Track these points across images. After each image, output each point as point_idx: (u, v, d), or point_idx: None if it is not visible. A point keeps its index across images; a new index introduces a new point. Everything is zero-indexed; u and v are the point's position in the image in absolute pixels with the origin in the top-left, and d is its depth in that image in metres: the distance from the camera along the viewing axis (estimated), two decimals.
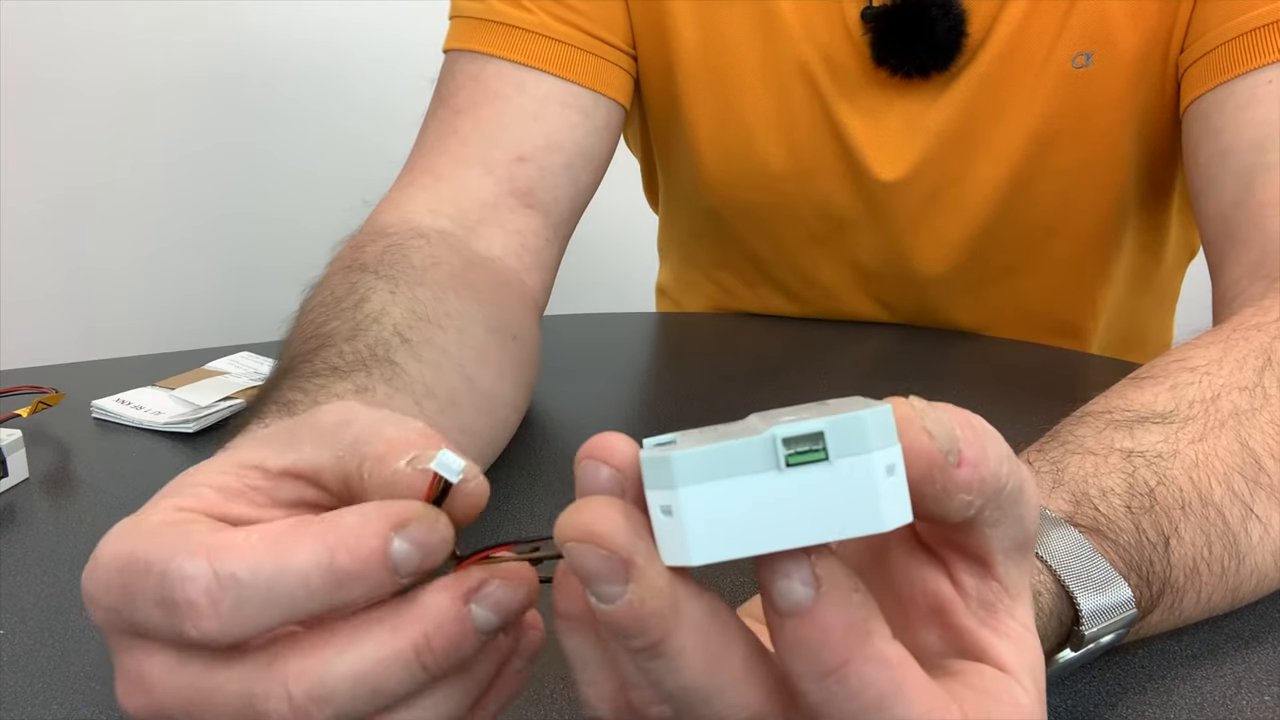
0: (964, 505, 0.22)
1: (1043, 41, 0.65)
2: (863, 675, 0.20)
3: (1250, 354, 0.43)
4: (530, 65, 0.63)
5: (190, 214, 1.33)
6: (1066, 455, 0.38)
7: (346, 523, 0.24)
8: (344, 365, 0.43)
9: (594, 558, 0.21)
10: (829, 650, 0.20)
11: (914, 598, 0.25)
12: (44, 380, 0.63)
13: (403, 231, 0.56)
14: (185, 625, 0.24)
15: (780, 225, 0.75)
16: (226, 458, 0.28)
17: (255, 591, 0.23)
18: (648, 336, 0.81)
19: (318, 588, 0.24)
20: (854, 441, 0.20)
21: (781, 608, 0.20)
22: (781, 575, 0.20)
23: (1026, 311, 0.77)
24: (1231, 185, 0.57)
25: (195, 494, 0.27)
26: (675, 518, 0.20)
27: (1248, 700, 0.37)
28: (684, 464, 0.20)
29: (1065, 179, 0.69)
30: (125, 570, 0.25)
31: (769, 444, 0.20)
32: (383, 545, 0.24)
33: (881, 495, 0.20)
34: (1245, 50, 0.58)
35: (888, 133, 0.69)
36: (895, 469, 0.20)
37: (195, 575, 0.23)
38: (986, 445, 0.22)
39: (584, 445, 0.22)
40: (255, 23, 1.28)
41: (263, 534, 0.24)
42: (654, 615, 0.21)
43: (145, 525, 0.26)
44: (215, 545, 0.24)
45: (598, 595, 0.21)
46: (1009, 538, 0.24)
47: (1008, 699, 0.23)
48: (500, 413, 0.52)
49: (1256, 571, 0.39)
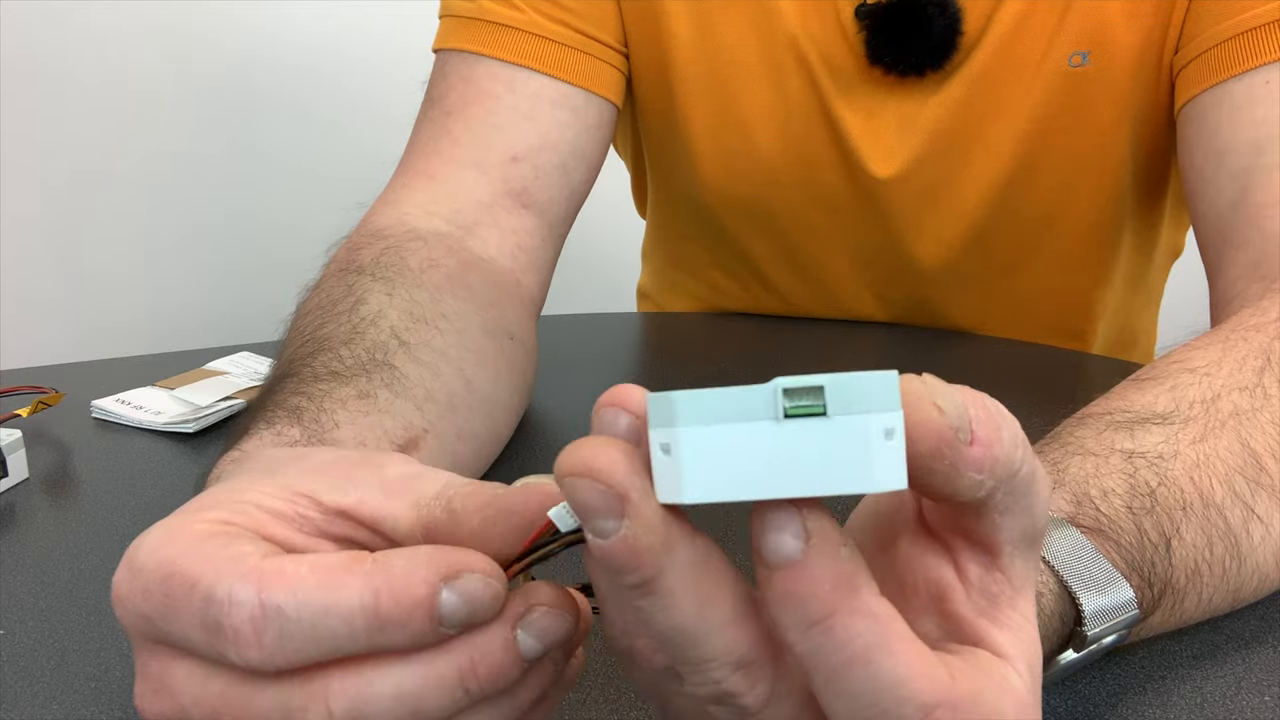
0: (975, 484, 0.22)
1: (1039, 40, 0.65)
2: (849, 627, 0.20)
3: (1250, 354, 0.43)
4: (521, 64, 0.63)
5: (190, 214, 1.33)
6: (1067, 456, 0.38)
7: (395, 566, 0.24)
8: (344, 370, 0.43)
9: (591, 492, 0.21)
10: (816, 602, 0.20)
11: (916, 585, 0.25)
12: (44, 380, 0.63)
13: (399, 233, 0.56)
14: (229, 651, 0.23)
15: (777, 221, 0.75)
16: (275, 482, 0.27)
17: (299, 627, 0.23)
18: (644, 336, 0.81)
19: (360, 628, 0.23)
20: (853, 400, 0.20)
21: (771, 560, 0.21)
22: (773, 528, 0.21)
23: (1024, 311, 0.77)
24: (1228, 186, 0.57)
25: (243, 512, 0.26)
26: (673, 456, 0.21)
27: (1248, 700, 0.37)
28: (686, 404, 0.20)
29: (1060, 178, 0.69)
30: (168, 581, 0.24)
31: (770, 393, 0.20)
32: (429, 594, 0.23)
33: (875, 456, 0.20)
34: (1241, 50, 0.58)
35: (882, 130, 0.69)
36: (894, 434, 0.20)
37: (243, 602, 0.23)
38: (1001, 426, 0.22)
39: (604, 394, 0.22)
40: (253, 24, 1.28)
41: (312, 567, 0.24)
42: (647, 551, 0.21)
43: (188, 535, 0.25)
44: (265, 573, 0.24)
45: (593, 530, 0.21)
46: (1018, 527, 0.24)
47: (999, 679, 0.23)
48: (498, 415, 0.52)
49: (1258, 572, 0.39)
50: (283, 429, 0.38)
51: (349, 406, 0.41)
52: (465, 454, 0.47)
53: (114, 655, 0.40)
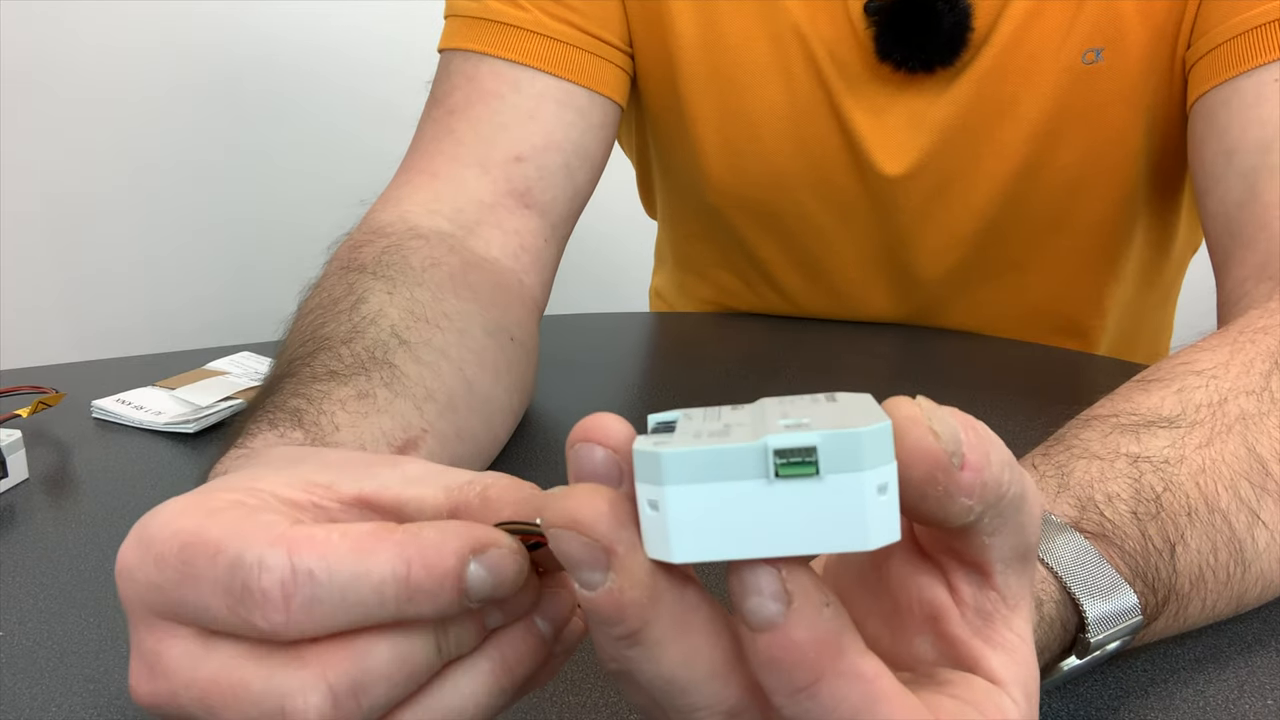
0: (965, 510, 0.21)
1: (1051, 37, 0.64)
2: (835, 691, 0.20)
3: (1257, 357, 0.43)
4: (525, 64, 0.63)
5: (190, 214, 1.33)
6: (1072, 460, 0.38)
7: (426, 537, 0.24)
8: (343, 369, 0.43)
9: (576, 544, 0.21)
10: (801, 668, 0.20)
11: (910, 605, 0.25)
12: (44, 380, 0.63)
13: (401, 232, 0.56)
14: (254, 615, 0.23)
15: (784, 221, 0.75)
16: (290, 473, 0.27)
17: (330, 592, 0.23)
18: (646, 336, 0.81)
19: (390, 598, 0.23)
20: (847, 459, 0.19)
21: (752, 624, 0.20)
22: (753, 591, 0.20)
23: (1033, 309, 0.77)
24: (1236, 185, 0.57)
25: (259, 498, 0.26)
26: (660, 513, 0.20)
27: (1250, 704, 0.37)
28: (673, 463, 0.20)
29: (1072, 175, 0.68)
30: (187, 548, 0.24)
31: (760, 453, 0.20)
32: (459, 566, 0.24)
33: (870, 514, 0.20)
34: (1251, 46, 0.57)
35: (891, 128, 0.69)
36: (888, 488, 0.20)
37: (273, 566, 0.23)
38: (989, 450, 0.22)
39: (577, 426, 0.22)
40: (254, 24, 1.28)
41: (343, 534, 0.24)
42: (632, 605, 0.21)
43: (208, 505, 0.25)
44: (295, 538, 0.24)
45: (580, 582, 0.21)
46: (1009, 547, 0.23)
47: (993, 711, 0.23)
48: (497, 416, 0.52)
49: (1262, 578, 0.39)
50: (286, 431, 0.38)
51: (348, 407, 0.40)
52: (464, 454, 0.47)
53: (114, 655, 0.40)
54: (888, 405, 0.21)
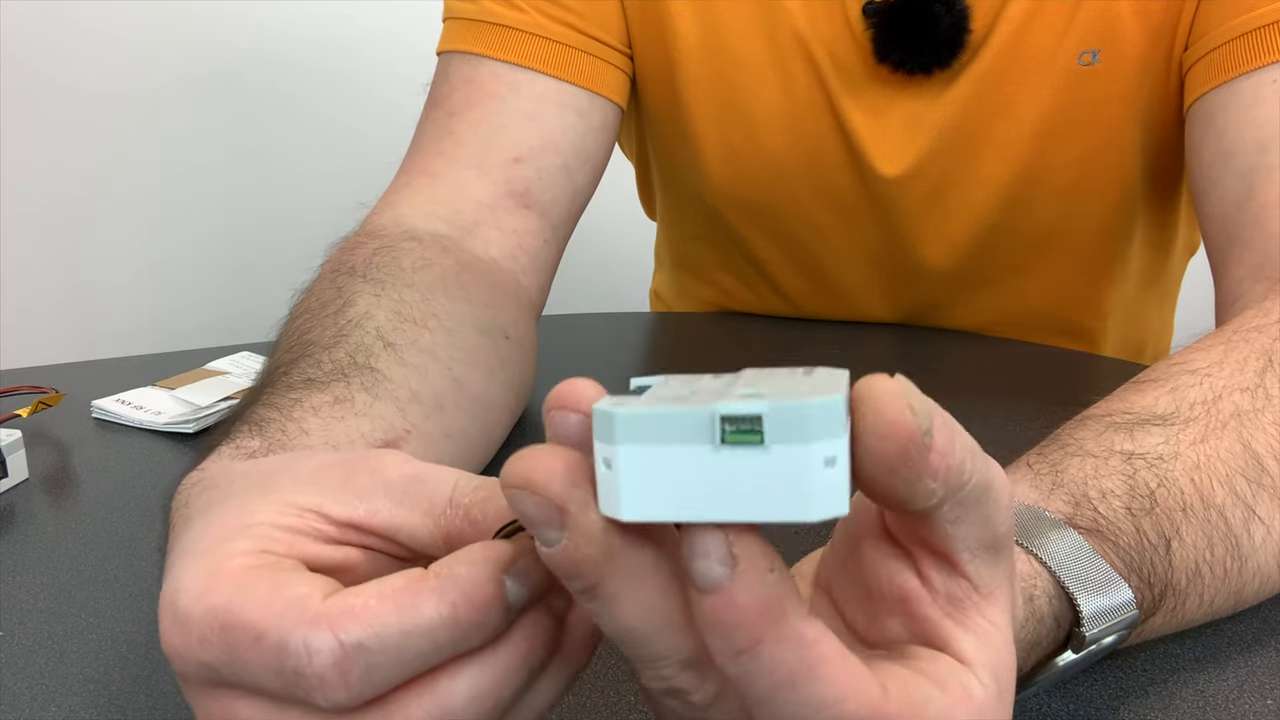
0: (928, 493, 0.22)
1: (1048, 39, 0.65)
2: (774, 654, 0.21)
3: (1251, 355, 0.43)
4: (524, 65, 0.63)
5: (190, 214, 1.33)
6: (1066, 458, 0.38)
7: (462, 575, 0.24)
8: (321, 376, 0.42)
9: (530, 504, 0.21)
10: (743, 629, 0.21)
11: (882, 589, 0.25)
12: (44, 380, 0.63)
13: (395, 234, 0.56)
14: (314, 697, 0.23)
15: (783, 221, 0.75)
16: (277, 499, 0.27)
17: (384, 657, 0.23)
18: (646, 336, 0.81)
19: (443, 641, 0.24)
20: (793, 430, 0.20)
21: (699, 585, 0.21)
22: (700, 554, 0.21)
23: (1032, 311, 0.77)
24: (1234, 186, 0.57)
25: (265, 536, 0.26)
26: (613, 472, 0.21)
27: (1250, 704, 0.37)
28: (626, 423, 0.20)
29: (1071, 177, 0.68)
30: (228, 631, 0.24)
31: (708, 419, 0.20)
32: (499, 591, 0.24)
33: (814, 487, 0.20)
34: (1248, 49, 0.58)
35: (889, 129, 0.69)
36: (836, 461, 0.20)
37: (321, 649, 0.23)
38: (954, 436, 0.22)
39: (553, 392, 0.22)
40: (254, 23, 1.28)
41: (380, 595, 0.24)
42: (586, 561, 0.21)
43: (230, 576, 0.25)
44: (335, 614, 0.24)
45: (540, 539, 0.22)
46: (973, 536, 0.24)
47: (956, 688, 0.23)
48: (491, 415, 0.52)
49: (1259, 573, 0.39)
50: (242, 441, 0.37)
51: (321, 413, 0.40)
52: (454, 453, 0.47)
53: (113, 655, 0.40)
54: (866, 381, 0.21)
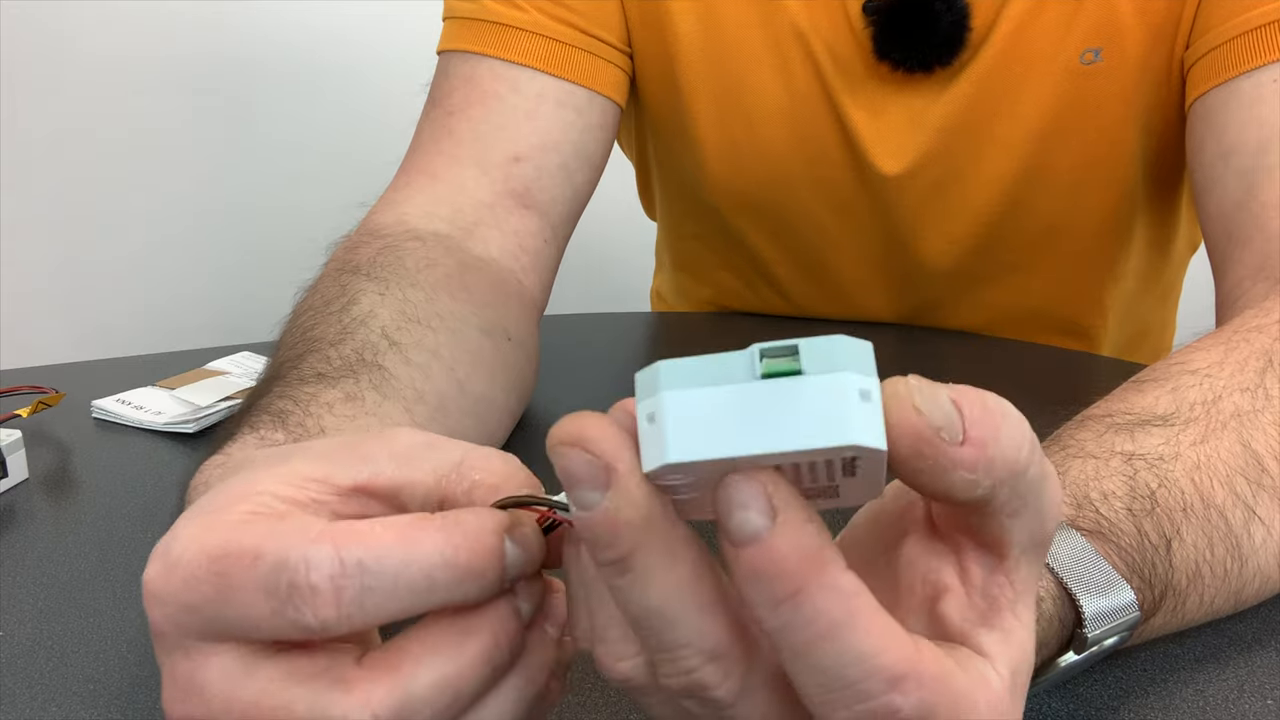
0: (967, 484, 0.22)
1: (1049, 37, 0.65)
2: (816, 603, 0.21)
3: (1251, 355, 0.43)
4: (524, 64, 0.63)
5: (190, 214, 1.33)
6: (1067, 459, 0.38)
7: (467, 520, 0.24)
8: (331, 371, 0.42)
9: (579, 461, 0.21)
10: (784, 578, 0.21)
11: (913, 585, 0.25)
12: (44, 380, 0.63)
13: (398, 233, 0.56)
14: (304, 613, 0.23)
15: (784, 220, 0.75)
16: (285, 469, 0.27)
17: (380, 580, 0.23)
18: (646, 336, 0.81)
19: (439, 582, 0.24)
20: (827, 359, 0.21)
21: (738, 538, 0.21)
22: (739, 505, 0.21)
23: (1033, 309, 0.77)
24: (1234, 186, 0.57)
25: (264, 503, 0.26)
26: (657, 423, 0.21)
27: (1250, 704, 0.37)
28: (670, 370, 0.21)
29: (1072, 175, 0.68)
30: (223, 560, 0.24)
31: (748, 356, 0.21)
32: (500, 545, 0.24)
33: (852, 411, 0.21)
34: (1249, 48, 0.58)
35: (890, 127, 0.69)
36: (870, 396, 0.21)
37: (320, 562, 0.23)
38: (1000, 426, 0.22)
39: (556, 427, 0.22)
40: (255, 22, 1.28)
41: (386, 525, 0.24)
42: (626, 525, 0.21)
43: (229, 520, 0.25)
44: (338, 532, 0.24)
45: (577, 502, 0.22)
46: (1028, 531, 0.23)
47: (975, 673, 0.23)
48: (492, 416, 0.52)
49: (1260, 573, 0.39)
50: (267, 433, 0.37)
51: (335, 410, 0.40)
52: None
53: (113, 656, 0.40)
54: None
